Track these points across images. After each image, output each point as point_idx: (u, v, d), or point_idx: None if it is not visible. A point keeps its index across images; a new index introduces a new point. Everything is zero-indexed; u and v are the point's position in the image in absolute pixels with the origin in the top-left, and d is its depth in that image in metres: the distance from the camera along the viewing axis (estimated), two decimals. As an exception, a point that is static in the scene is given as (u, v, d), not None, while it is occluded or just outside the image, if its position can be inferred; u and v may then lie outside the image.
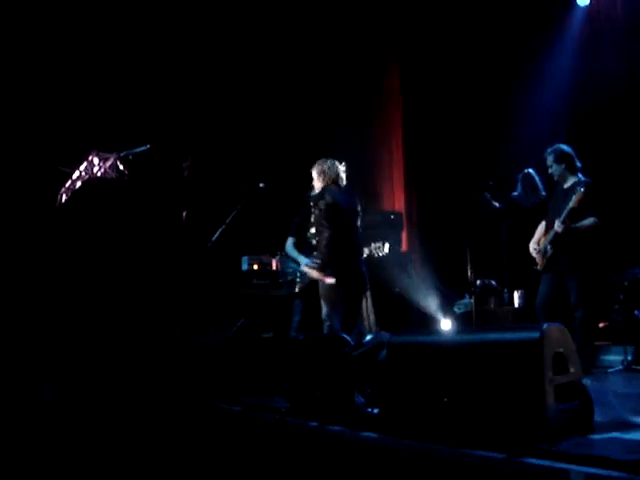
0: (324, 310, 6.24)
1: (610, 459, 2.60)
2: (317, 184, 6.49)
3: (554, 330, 3.20)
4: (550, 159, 6.56)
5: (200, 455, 4.93)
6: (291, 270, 7.17)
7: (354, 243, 6.33)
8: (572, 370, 3.26)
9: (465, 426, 3.19)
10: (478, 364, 3.20)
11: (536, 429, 2.97)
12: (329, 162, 6.52)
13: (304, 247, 7.07)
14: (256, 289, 8.30)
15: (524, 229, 7.13)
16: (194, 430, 5.13)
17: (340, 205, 6.30)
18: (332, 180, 6.44)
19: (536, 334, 3.06)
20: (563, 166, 6.50)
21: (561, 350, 3.20)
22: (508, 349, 3.13)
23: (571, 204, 6.11)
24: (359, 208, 6.50)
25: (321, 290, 6.29)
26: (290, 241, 7.18)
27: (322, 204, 6.26)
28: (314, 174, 6.51)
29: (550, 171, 6.59)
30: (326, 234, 6.22)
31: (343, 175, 6.53)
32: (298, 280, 7.06)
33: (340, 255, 6.23)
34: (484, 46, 10.25)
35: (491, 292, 8.69)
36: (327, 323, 6.19)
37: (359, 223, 6.46)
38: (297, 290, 7.04)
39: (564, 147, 6.60)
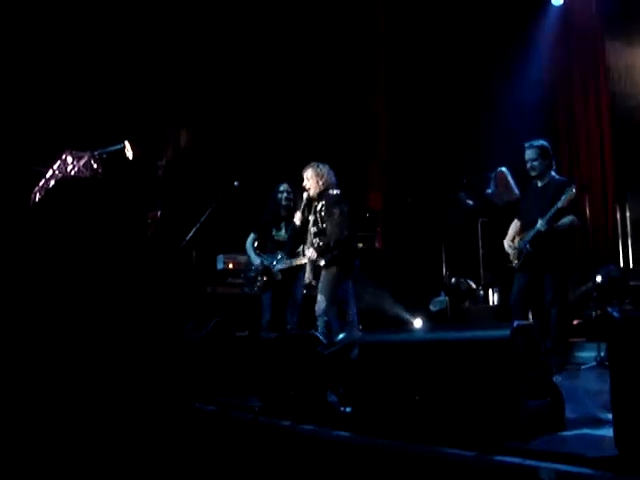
0: (322, 305, 6.27)
1: (580, 456, 2.61)
2: (314, 186, 6.53)
3: (525, 328, 3.21)
4: (534, 153, 6.42)
5: (174, 454, 4.90)
6: (252, 268, 7.17)
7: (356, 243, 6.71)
8: (543, 367, 3.28)
9: (437, 424, 3.19)
10: (449, 362, 3.21)
11: (507, 426, 2.97)
12: (326, 167, 6.62)
13: (268, 245, 7.13)
14: (231, 288, 8.28)
15: (499, 227, 7.12)
16: (169, 429, 5.10)
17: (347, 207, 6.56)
18: (330, 184, 6.55)
19: (507, 332, 3.06)
20: (547, 162, 6.43)
21: (532, 348, 3.21)
22: (479, 347, 3.13)
23: (560, 204, 6.04)
24: None
25: (325, 285, 6.34)
26: (251, 237, 7.22)
27: (343, 206, 6.40)
28: (310, 176, 6.54)
29: (531, 165, 6.43)
30: (340, 232, 6.35)
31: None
32: (259, 278, 7.07)
33: (353, 252, 6.48)
34: (462, 45, 10.29)
35: (466, 290, 8.72)
36: (324, 319, 6.21)
37: None
38: (257, 289, 7.07)
39: (546, 143, 6.53)
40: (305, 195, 6.60)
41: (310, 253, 6.45)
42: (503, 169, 7.69)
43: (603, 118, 9.58)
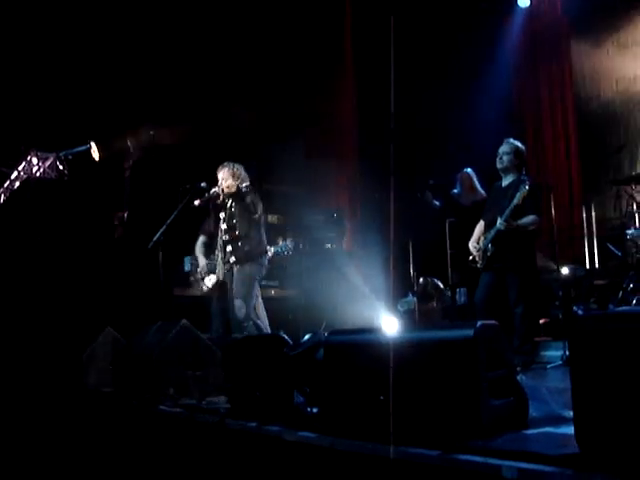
0: (243, 310, 6.43)
1: (542, 454, 2.63)
2: (229, 184, 6.80)
3: (489, 328, 3.23)
4: (508, 148, 6.46)
5: (140, 458, 4.87)
6: (194, 269, 7.24)
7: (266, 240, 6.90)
8: (507, 367, 3.30)
9: (401, 424, 3.20)
10: (414, 363, 3.21)
11: (471, 426, 2.99)
12: (238, 165, 6.93)
13: (216, 247, 7.22)
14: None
15: (466, 227, 7.16)
16: (134, 432, 5.07)
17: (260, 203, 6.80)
18: (244, 181, 6.82)
19: (470, 332, 3.08)
20: (516, 162, 6.47)
21: (496, 347, 3.23)
22: (443, 347, 3.15)
23: (515, 201, 6.10)
24: None
25: (240, 288, 6.40)
26: (201, 240, 7.32)
27: (249, 201, 6.63)
28: (225, 175, 6.83)
29: (500, 157, 6.45)
30: (252, 228, 6.67)
31: None
32: (205, 279, 7.14)
33: (263, 247, 6.73)
34: (428, 47, 10.34)
35: (434, 290, 8.76)
36: (250, 322, 6.35)
37: None
38: (205, 289, 7.14)
39: (523, 147, 6.62)
40: (215, 195, 6.80)
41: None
42: (468, 170, 7.75)
43: (569, 119, 9.69)
